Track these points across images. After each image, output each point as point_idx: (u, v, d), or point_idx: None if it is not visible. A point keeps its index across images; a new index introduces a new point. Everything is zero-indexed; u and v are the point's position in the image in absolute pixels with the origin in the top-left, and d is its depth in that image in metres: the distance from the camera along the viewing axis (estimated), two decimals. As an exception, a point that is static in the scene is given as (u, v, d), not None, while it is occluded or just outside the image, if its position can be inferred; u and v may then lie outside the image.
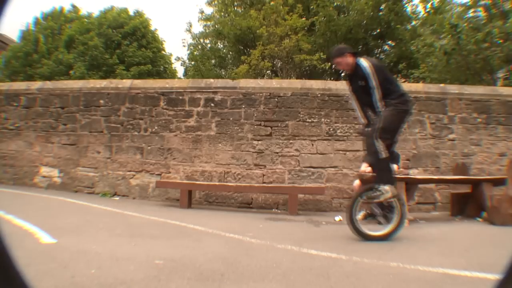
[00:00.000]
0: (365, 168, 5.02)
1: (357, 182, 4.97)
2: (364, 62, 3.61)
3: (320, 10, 14.29)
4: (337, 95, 6.17)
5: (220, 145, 6.22)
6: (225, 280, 2.17)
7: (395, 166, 4.99)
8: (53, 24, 18.48)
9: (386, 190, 3.46)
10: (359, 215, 5.02)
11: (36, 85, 7.57)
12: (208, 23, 18.29)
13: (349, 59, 3.68)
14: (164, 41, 19.79)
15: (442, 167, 5.95)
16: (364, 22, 14.97)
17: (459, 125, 6.09)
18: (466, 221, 4.81)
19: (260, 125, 6.18)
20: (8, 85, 8.29)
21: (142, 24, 18.08)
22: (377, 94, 3.53)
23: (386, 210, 3.55)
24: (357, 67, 3.63)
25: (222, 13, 17.90)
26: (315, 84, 6.45)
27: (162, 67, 18.82)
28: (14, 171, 7.04)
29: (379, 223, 3.61)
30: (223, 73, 18.64)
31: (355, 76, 3.67)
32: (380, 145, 3.46)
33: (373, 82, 3.52)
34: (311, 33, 14.94)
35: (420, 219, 4.92)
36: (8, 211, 3.99)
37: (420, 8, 14.14)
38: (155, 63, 18.01)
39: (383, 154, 3.46)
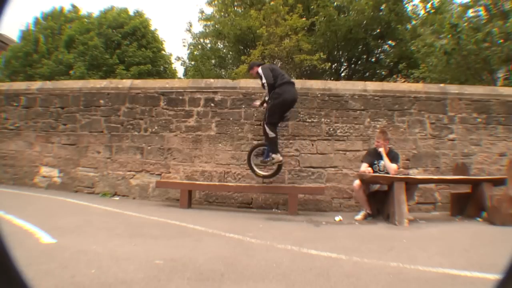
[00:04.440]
0: (365, 168, 5.04)
1: (357, 182, 4.99)
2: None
3: (320, 10, 14.29)
4: (337, 95, 6.17)
5: (220, 145, 6.22)
6: (225, 280, 2.17)
7: (395, 166, 5.00)
8: (53, 24, 18.49)
9: (274, 157, 5.20)
10: (360, 215, 5.08)
11: (36, 85, 7.56)
12: (208, 23, 18.29)
13: (255, 70, 5.35)
14: (164, 41, 19.82)
15: (442, 167, 5.95)
16: (364, 22, 14.96)
17: (459, 125, 6.09)
18: (466, 221, 4.81)
19: (260, 125, 6.18)
20: (8, 85, 8.28)
21: (142, 24, 18.08)
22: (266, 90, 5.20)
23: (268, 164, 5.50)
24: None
25: (222, 13, 17.90)
26: (315, 84, 6.44)
27: (162, 67, 18.83)
28: (14, 171, 7.04)
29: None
30: (223, 73, 18.64)
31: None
32: (267, 128, 5.12)
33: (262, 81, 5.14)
34: (311, 33, 14.93)
35: (420, 219, 4.92)
36: (8, 211, 3.99)
37: (420, 8, 14.16)
38: (155, 63, 18.01)
39: (271, 134, 5.10)
